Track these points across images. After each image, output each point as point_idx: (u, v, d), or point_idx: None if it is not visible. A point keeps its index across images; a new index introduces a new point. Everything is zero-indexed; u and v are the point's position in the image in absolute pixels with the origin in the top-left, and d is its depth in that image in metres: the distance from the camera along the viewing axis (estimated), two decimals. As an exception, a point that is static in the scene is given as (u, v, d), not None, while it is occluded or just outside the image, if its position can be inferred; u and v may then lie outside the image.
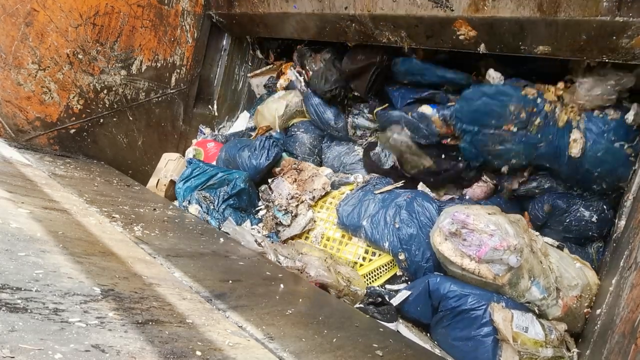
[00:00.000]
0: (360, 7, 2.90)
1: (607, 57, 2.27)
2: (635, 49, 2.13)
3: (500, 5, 2.33)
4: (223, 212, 3.32)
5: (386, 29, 2.95)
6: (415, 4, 2.63)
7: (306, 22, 3.41)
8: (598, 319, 1.97)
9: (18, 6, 3.15)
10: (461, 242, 2.31)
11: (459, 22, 2.53)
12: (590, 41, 2.22)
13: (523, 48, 2.46)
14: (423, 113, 3.21)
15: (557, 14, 2.19)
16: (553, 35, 2.31)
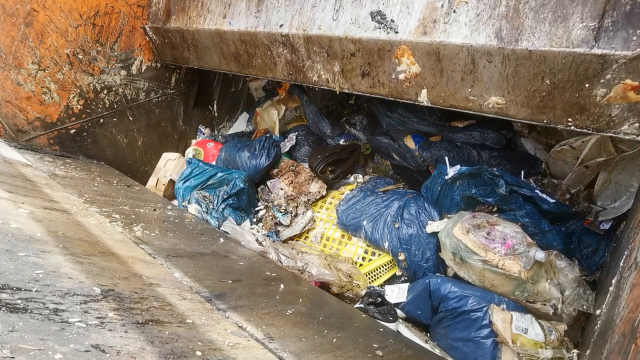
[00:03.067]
0: (296, 26, 2.58)
1: (574, 122, 1.75)
2: (613, 106, 1.62)
3: (452, 29, 1.94)
4: (222, 212, 3.32)
5: (319, 60, 2.55)
6: (357, 24, 2.28)
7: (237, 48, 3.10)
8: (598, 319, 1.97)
9: (18, 6, 3.15)
10: (484, 236, 2.33)
11: (402, 49, 2.10)
12: (555, 92, 1.73)
13: (472, 99, 1.99)
14: (407, 146, 3.46)
15: (518, 42, 1.75)
16: (509, 79, 1.84)
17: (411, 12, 2.09)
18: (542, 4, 1.71)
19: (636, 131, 1.63)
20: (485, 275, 2.33)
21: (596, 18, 1.60)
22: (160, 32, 3.73)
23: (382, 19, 2.18)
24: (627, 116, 1.62)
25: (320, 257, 2.78)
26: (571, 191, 2.91)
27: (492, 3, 1.83)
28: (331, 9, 2.42)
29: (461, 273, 2.46)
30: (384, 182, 3.39)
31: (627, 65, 1.54)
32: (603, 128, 1.70)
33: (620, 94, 1.60)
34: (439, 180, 2.93)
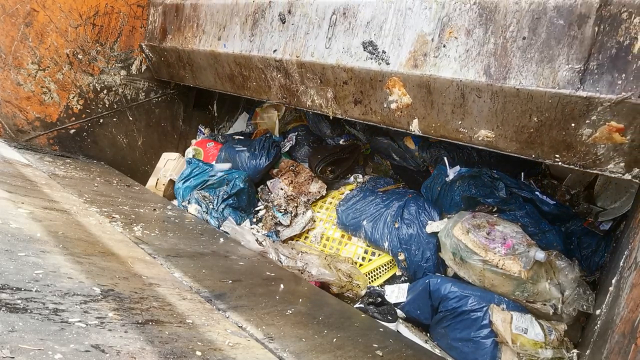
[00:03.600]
0: (290, 52, 2.56)
1: (561, 158, 1.75)
2: (599, 146, 1.63)
3: (442, 64, 1.94)
4: (222, 212, 3.32)
5: (312, 85, 2.54)
6: (349, 53, 2.28)
7: (232, 69, 3.08)
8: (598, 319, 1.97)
9: (18, 6, 3.14)
10: (484, 236, 2.33)
11: (393, 80, 2.10)
12: (542, 129, 1.74)
13: (462, 132, 2.00)
14: (407, 146, 3.44)
15: (506, 80, 1.75)
16: (498, 115, 1.84)
17: (402, 44, 2.09)
18: (529, 43, 1.72)
19: (622, 170, 1.65)
20: (485, 275, 2.33)
21: (582, 60, 1.61)
22: (156, 50, 3.74)
23: (374, 50, 2.18)
24: (612, 156, 1.64)
25: (320, 257, 2.78)
26: (571, 192, 2.92)
27: (481, 40, 1.84)
28: (324, 37, 2.41)
29: (461, 273, 2.46)
30: (384, 182, 3.39)
31: (612, 108, 1.56)
32: (590, 165, 1.72)
33: (606, 135, 1.61)
34: (439, 180, 2.93)
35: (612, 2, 1.54)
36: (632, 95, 1.51)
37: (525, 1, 1.73)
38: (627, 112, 1.54)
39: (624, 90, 1.52)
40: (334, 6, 2.37)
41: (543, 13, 1.70)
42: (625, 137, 1.58)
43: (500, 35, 1.79)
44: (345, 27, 2.32)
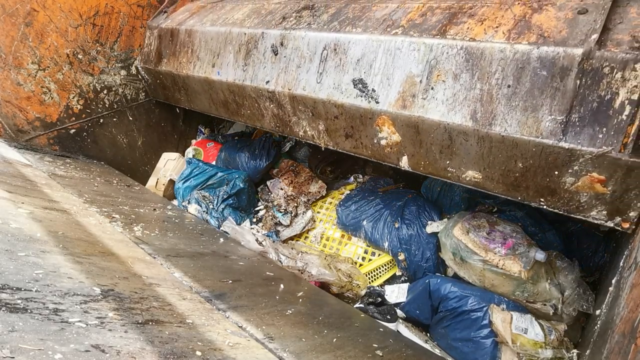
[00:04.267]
0: (282, 84, 2.56)
1: (546, 203, 1.77)
2: (581, 194, 1.64)
3: (430, 106, 1.95)
4: (222, 212, 3.32)
5: (304, 117, 2.55)
6: (339, 90, 2.28)
7: (226, 96, 3.09)
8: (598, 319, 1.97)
9: (18, 6, 3.14)
10: (484, 236, 2.33)
11: (382, 118, 2.11)
12: (527, 174, 1.75)
13: (451, 171, 2.00)
14: None
15: (492, 127, 1.76)
16: (485, 158, 1.85)
17: (391, 84, 2.09)
18: (513, 92, 1.73)
19: (604, 218, 1.67)
20: (485, 275, 2.33)
21: (564, 112, 1.62)
22: (152, 72, 3.75)
23: (364, 88, 2.19)
24: (595, 204, 1.66)
25: (320, 257, 2.78)
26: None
27: (468, 85, 1.85)
28: (315, 72, 2.42)
29: (461, 273, 2.46)
30: (384, 182, 3.39)
31: (593, 161, 1.57)
32: (573, 211, 1.73)
33: (588, 185, 1.63)
34: (439, 180, 2.93)
35: (594, 56, 1.55)
36: (612, 150, 1.53)
37: (510, 50, 1.74)
38: (607, 165, 1.56)
39: (604, 144, 1.54)
40: (325, 41, 2.38)
41: (527, 63, 1.70)
42: (606, 188, 1.60)
43: (486, 81, 1.80)
44: (336, 63, 2.32)
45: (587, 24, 1.69)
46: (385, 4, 2.38)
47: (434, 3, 2.20)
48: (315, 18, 2.55)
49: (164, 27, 3.57)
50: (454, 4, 2.13)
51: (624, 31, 1.60)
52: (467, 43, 1.86)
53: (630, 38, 1.56)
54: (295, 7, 2.78)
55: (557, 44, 1.66)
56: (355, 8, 2.47)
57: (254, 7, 3.08)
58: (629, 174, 1.53)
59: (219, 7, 3.39)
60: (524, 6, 1.90)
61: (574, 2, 1.82)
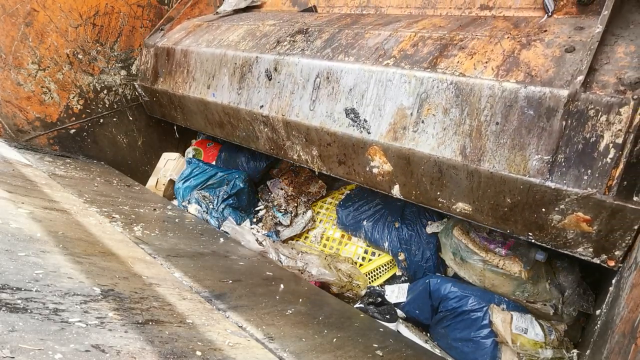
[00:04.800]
0: (276, 110, 2.57)
1: (534, 237, 1.79)
2: (568, 231, 1.66)
3: (420, 139, 1.96)
4: (222, 212, 3.32)
5: (298, 142, 2.56)
6: (332, 118, 2.29)
7: (221, 117, 3.10)
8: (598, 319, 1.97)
9: (18, 6, 3.14)
10: (485, 236, 2.33)
11: (374, 148, 2.13)
12: (516, 209, 1.77)
13: (441, 202, 2.03)
14: None
15: (481, 163, 1.78)
16: (475, 191, 1.87)
17: (383, 115, 2.10)
18: (501, 129, 1.74)
19: (591, 255, 1.68)
20: (485, 275, 2.33)
21: (550, 152, 1.63)
22: (149, 90, 3.75)
23: (356, 118, 2.19)
24: (581, 241, 1.67)
25: (320, 257, 2.78)
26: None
27: (457, 120, 1.86)
28: (308, 99, 2.42)
29: (461, 273, 2.46)
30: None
31: (579, 201, 1.58)
32: (560, 246, 1.75)
33: (574, 223, 1.64)
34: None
35: (580, 98, 1.55)
36: (597, 192, 1.54)
37: (499, 87, 1.75)
38: (593, 206, 1.57)
39: (589, 185, 1.55)
40: (318, 69, 2.38)
41: (514, 101, 1.71)
42: (592, 228, 1.61)
43: (475, 117, 1.81)
44: (328, 92, 2.33)
45: (573, 63, 1.68)
46: (378, 31, 2.37)
47: (426, 33, 2.20)
48: (309, 44, 2.56)
49: (160, 46, 3.57)
50: (445, 34, 2.13)
51: (610, 72, 1.60)
52: (457, 78, 1.86)
53: (616, 80, 1.56)
54: (289, 31, 2.78)
55: (543, 84, 1.66)
56: (349, 34, 2.47)
57: (249, 28, 3.09)
58: (613, 216, 1.55)
59: (214, 27, 3.39)
60: (513, 40, 1.90)
61: (562, 38, 1.82)
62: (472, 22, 2.20)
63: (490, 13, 2.36)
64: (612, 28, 1.74)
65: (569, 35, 1.83)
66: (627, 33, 1.73)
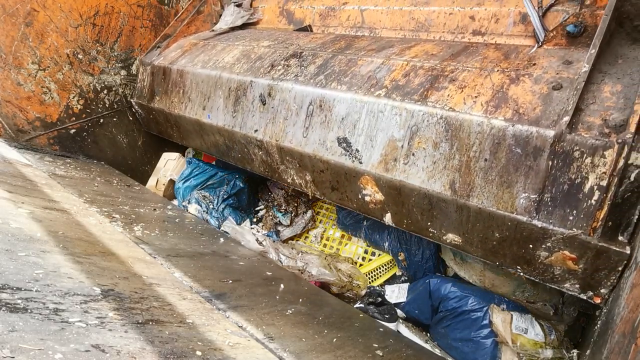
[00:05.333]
0: (270, 135, 2.58)
1: (522, 270, 1.81)
2: (555, 267, 1.68)
3: (411, 171, 1.97)
4: (223, 212, 3.32)
5: (292, 167, 2.58)
6: (325, 146, 2.30)
7: (217, 138, 3.12)
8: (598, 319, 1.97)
9: (18, 6, 3.14)
10: None
11: (366, 178, 2.14)
12: (504, 243, 1.78)
13: (432, 232, 2.04)
14: None
15: (470, 198, 1.79)
16: (464, 224, 1.88)
17: (374, 146, 2.11)
18: (490, 166, 1.75)
19: (577, 290, 1.69)
20: (485, 275, 2.33)
21: (537, 191, 1.64)
22: (145, 108, 3.76)
23: (348, 147, 2.20)
24: (568, 277, 1.68)
25: (320, 257, 2.78)
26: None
27: (447, 154, 1.87)
28: (301, 126, 2.43)
29: (461, 273, 2.47)
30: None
31: (565, 240, 1.59)
32: (548, 281, 1.75)
33: (560, 260, 1.65)
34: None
35: (565, 139, 1.56)
36: (582, 234, 1.55)
37: (487, 124, 1.76)
38: (578, 246, 1.58)
39: (575, 226, 1.56)
40: (311, 96, 2.39)
41: (502, 139, 1.72)
42: (578, 266, 1.62)
43: (464, 153, 1.82)
44: (321, 119, 2.33)
45: (560, 102, 1.68)
46: (371, 58, 2.38)
47: (418, 62, 2.20)
48: (303, 69, 2.56)
49: (157, 65, 3.58)
50: (436, 64, 2.13)
51: (596, 113, 1.60)
52: (447, 113, 1.87)
53: (601, 122, 1.56)
54: (283, 54, 2.78)
55: (531, 123, 1.67)
56: (342, 61, 2.47)
57: (244, 49, 3.09)
58: (598, 256, 1.56)
59: (210, 46, 3.40)
60: (503, 74, 1.90)
61: (549, 74, 1.82)
62: (464, 51, 2.19)
63: (482, 39, 2.36)
64: (600, 64, 1.74)
65: (557, 70, 1.82)
66: (614, 70, 1.73)
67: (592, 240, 1.53)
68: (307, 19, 3.31)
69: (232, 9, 3.71)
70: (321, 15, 3.22)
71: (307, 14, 3.32)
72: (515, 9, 2.26)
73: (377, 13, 2.86)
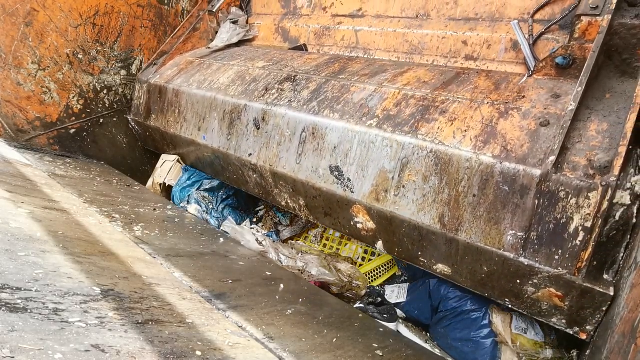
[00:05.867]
0: (264, 159, 2.60)
1: (511, 303, 1.83)
2: (542, 302, 1.69)
3: (401, 203, 1.98)
4: (223, 212, 3.32)
5: (285, 191, 2.60)
6: (317, 174, 2.31)
7: (212, 159, 3.15)
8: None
9: (18, 6, 3.14)
10: None
11: (358, 207, 2.17)
12: (493, 277, 1.80)
13: (423, 261, 2.06)
14: None
15: (458, 233, 1.81)
16: (454, 257, 1.90)
17: (366, 176, 2.12)
18: (478, 202, 1.76)
19: (564, 325, 1.71)
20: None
21: (524, 229, 1.65)
22: (142, 125, 3.77)
23: (340, 176, 2.21)
24: (555, 312, 1.69)
25: (320, 257, 2.78)
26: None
27: (436, 188, 1.88)
28: (295, 152, 2.44)
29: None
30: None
31: (551, 279, 1.60)
32: (536, 314, 1.77)
33: (547, 297, 1.66)
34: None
35: (551, 179, 1.57)
36: (567, 273, 1.56)
37: (476, 160, 1.77)
38: (564, 285, 1.59)
39: (560, 265, 1.57)
40: (304, 124, 2.40)
41: (490, 176, 1.73)
42: (564, 303, 1.63)
43: (453, 187, 1.83)
44: (314, 147, 2.35)
45: (547, 139, 1.69)
46: (364, 85, 2.39)
47: (410, 91, 2.20)
48: (296, 94, 2.57)
49: (153, 84, 3.58)
50: (428, 94, 2.14)
51: (581, 153, 1.61)
52: (437, 147, 1.88)
53: (586, 162, 1.57)
54: (278, 77, 2.79)
55: (518, 161, 1.68)
56: (335, 86, 2.48)
57: (239, 70, 3.10)
58: (583, 296, 1.57)
59: (206, 66, 3.40)
60: (492, 107, 1.91)
61: (538, 109, 1.83)
62: (456, 79, 2.20)
63: (474, 64, 2.38)
64: (588, 100, 1.74)
65: (545, 105, 1.83)
66: (601, 106, 1.73)
67: (577, 280, 1.55)
68: (303, 38, 3.33)
69: (228, 26, 3.72)
70: (316, 34, 3.24)
71: (302, 33, 3.34)
72: (507, 35, 2.29)
73: (372, 34, 2.88)
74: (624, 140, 1.50)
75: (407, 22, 2.74)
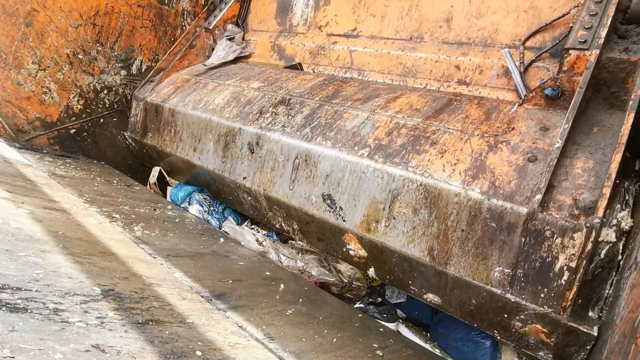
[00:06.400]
0: (258, 183, 2.62)
1: (499, 335, 1.83)
2: (529, 337, 1.70)
3: (392, 234, 1.99)
4: (223, 212, 3.32)
5: (279, 215, 2.62)
6: (310, 201, 2.32)
7: (207, 180, 3.17)
8: (598, 319, 1.97)
9: (18, 6, 3.15)
10: None
11: (349, 235, 2.18)
12: (481, 310, 1.80)
13: (413, 289, 2.07)
14: None
15: (447, 266, 1.82)
16: (443, 288, 1.91)
17: (357, 205, 2.13)
18: (466, 237, 1.77)
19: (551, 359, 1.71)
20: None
21: (511, 266, 1.65)
22: (138, 142, 3.77)
23: (332, 204, 2.22)
24: (541, 347, 1.69)
25: (320, 257, 2.78)
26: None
27: (426, 221, 1.88)
28: (288, 178, 2.44)
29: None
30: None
31: (537, 315, 1.61)
32: (524, 347, 1.77)
33: (534, 332, 1.66)
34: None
35: (537, 217, 1.57)
36: (552, 312, 1.56)
37: (464, 196, 1.77)
38: (549, 322, 1.59)
39: (545, 304, 1.57)
40: (297, 150, 2.40)
41: (479, 212, 1.73)
42: (550, 339, 1.63)
43: (442, 221, 1.84)
44: (307, 174, 2.35)
45: (534, 176, 1.70)
46: (356, 111, 2.39)
47: (401, 119, 2.21)
48: (290, 119, 2.57)
49: (149, 102, 3.58)
50: (419, 123, 2.14)
51: (567, 191, 1.61)
52: (426, 180, 1.89)
53: (572, 202, 1.57)
54: (272, 100, 2.79)
55: (505, 198, 1.68)
56: (328, 112, 2.48)
57: (234, 90, 3.10)
58: (568, 334, 1.57)
59: (201, 85, 3.40)
60: (482, 140, 1.92)
61: (526, 143, 1.83)
62: (447, 106, 2.20)
63: (467, 89, 2.38)
64: (575, 135, 1.74)
65: (534, 139, 1.83)
66: (588, 141, 1.73)
67: (561, 319, 1.55)
68: (298, 56, 3.33)
69: (224, 43, 3.72)
70: (311, 53, 3.24)
71: (297, 51, 3.34)
72: (499, 61, 2.29)
73: (366, 55, 2.88)
74: (609, 181, 1.49)
75: (400, 44, 2.74)
